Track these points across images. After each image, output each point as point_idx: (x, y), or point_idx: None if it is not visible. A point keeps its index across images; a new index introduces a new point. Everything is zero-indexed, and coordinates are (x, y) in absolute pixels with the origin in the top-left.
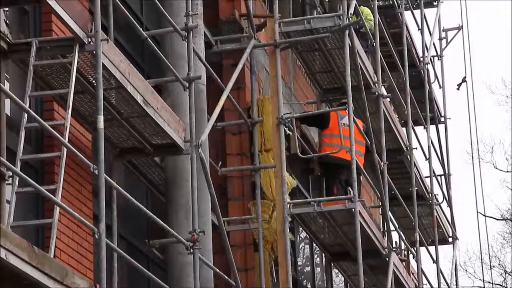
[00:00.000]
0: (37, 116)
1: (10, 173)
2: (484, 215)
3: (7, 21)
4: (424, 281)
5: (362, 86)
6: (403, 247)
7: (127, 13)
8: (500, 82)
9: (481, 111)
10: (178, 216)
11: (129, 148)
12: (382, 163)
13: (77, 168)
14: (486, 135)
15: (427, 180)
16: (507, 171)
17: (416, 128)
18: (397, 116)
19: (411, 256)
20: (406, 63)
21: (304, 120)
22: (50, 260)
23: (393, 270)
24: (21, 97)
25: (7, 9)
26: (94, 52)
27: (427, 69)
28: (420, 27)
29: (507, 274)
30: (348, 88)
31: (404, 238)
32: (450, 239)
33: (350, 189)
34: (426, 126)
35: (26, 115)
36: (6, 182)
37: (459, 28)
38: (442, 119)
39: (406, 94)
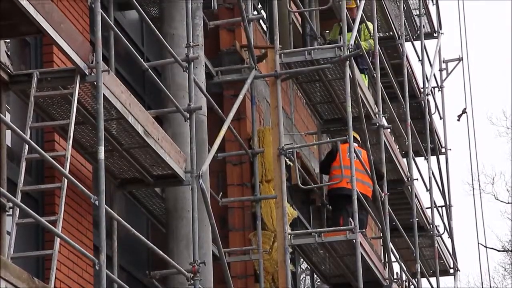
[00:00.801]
0: (37, 147)
1: (11, 204)
2: (485, 246)
3: (9, 52)
4: None
5: (363, 116)
6: (404, 278)
7: (128, 44)
8: (500, 113)
9: (482, 142)
10: (179, 247)
11: (130, 179)
12: (383, 194)
13: (78, 199)
14: (487, 166)
15: (428, 211)
16: (508, 202)
17: (417, 159)
18: (397, 146)
19: (412, 287)
20: (407, 94)
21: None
22: None
23: None
24: (22, 128)
25: (8, 40)
26: (95, 83)
27: (428, 100)
28: (420, 58)
29: None
30: (349, 119)
31: (405, 269)
32: (451, 270)
33: (351, 219)
34: (427, 157)
35: (27, 146)
36: (7, 213)
37: (460, 59)
38: (443, 150)
39: (407, 125)
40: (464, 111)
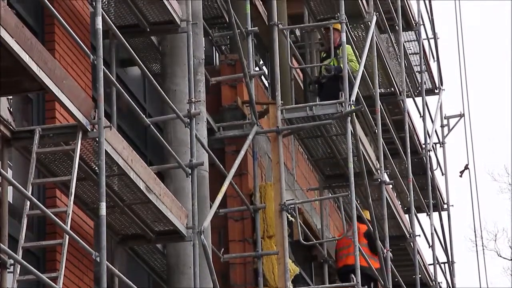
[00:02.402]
0: (39, 203)
1: (12, 261)
2: None
3: (11, 109)
4: None
5: (365, 172)
6: None
7: (130, 100)
8: (502, 169)
9: (484, 199)
10: None
11: (131, 235)
12: (385, 250)
13: (79, 255)
14: (489, 222)
15: (431, 268)
16: (511, 259)
17: (419, 215)
18: (399, 203)
19: None
20: (408, 150)
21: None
22: None
23: None
24: (23, 184)
25: (11, 97)
26: (97, 139)
27: (430, 156)
28: (422, 114)
29: None
30: (351, 174)
31: None
32: None
33: (353, 275)
34: (429, 213)
35: (28, 202)
36: (8, 270)
37: (461, 115)
38: (445, 206)
39: (409, 180)
40: (466, 167)
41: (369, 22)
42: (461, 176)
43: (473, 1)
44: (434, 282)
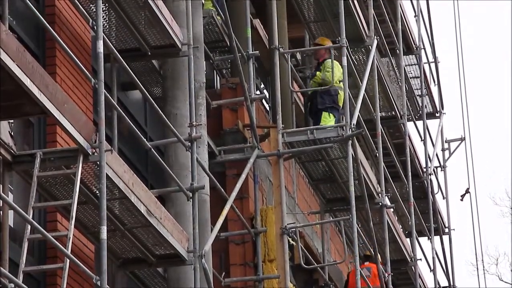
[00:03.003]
0: (40, 227)
1: (12, 285)
2: None
3: (12, 133)
4: None
5: (366, 196)
6: None
7: (131, 123)
8: (503, 193)
9: (486, 223)
10: None
11: (132, 259)
12: (386, 274)
13: (80, 279)
14: (490, 246)
15: None
16: None
17: (420, 239)
18: (401, 226)
19: None
20: (410, 174)
21: None
22: None
23: None
24: (24, 208)
25: (12, 120)
26: (98, 162)
27: (431, 180)
28: (422, 138)
29: None
30: (352, 198)
31: None
32: None
33: None
34: (430, 237)
35: (29, 226)
36: None
37: (462, 139)
38: (446, 230)
39: (410, 204)
40: (467, 191)
41: (370, 46)
42: (462, 200)
43: (473, 25)
44: None
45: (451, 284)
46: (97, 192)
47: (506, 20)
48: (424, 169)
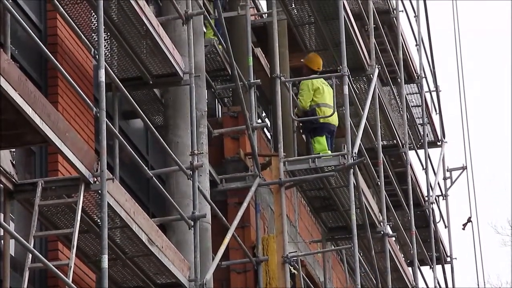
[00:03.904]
0: (41, 256)
1: None
2: None
3: (13, 162)
4: None
5: (368, 225)
6: None
7: (133, 152)
8: (505, 222)
9: (488, 252)
10: None
11: None
12: None
13: None
14: (492, 275)
15: None
16: None
17: (422, 267)
18: (402, 255)
19: None
20: (411, 202)
21: None
22: None
23: None
24: (25, 237)
25: (13, 149)
26: (100, 191)
27: (432, 209)
28: (424, 167)
29: None
30: (353, 227)
31: None
32: None
33: None
34: (432, 266)
35: (30, 255)
36: None
37: (464, 168)
38: (448, 259)
39: (412, 233)
40: (469, 220)
41: (371, 75)
42: (464, 229)
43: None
44: None
45: None
46: (99, 221)
47: (506, 49)
48: (426, 198)
